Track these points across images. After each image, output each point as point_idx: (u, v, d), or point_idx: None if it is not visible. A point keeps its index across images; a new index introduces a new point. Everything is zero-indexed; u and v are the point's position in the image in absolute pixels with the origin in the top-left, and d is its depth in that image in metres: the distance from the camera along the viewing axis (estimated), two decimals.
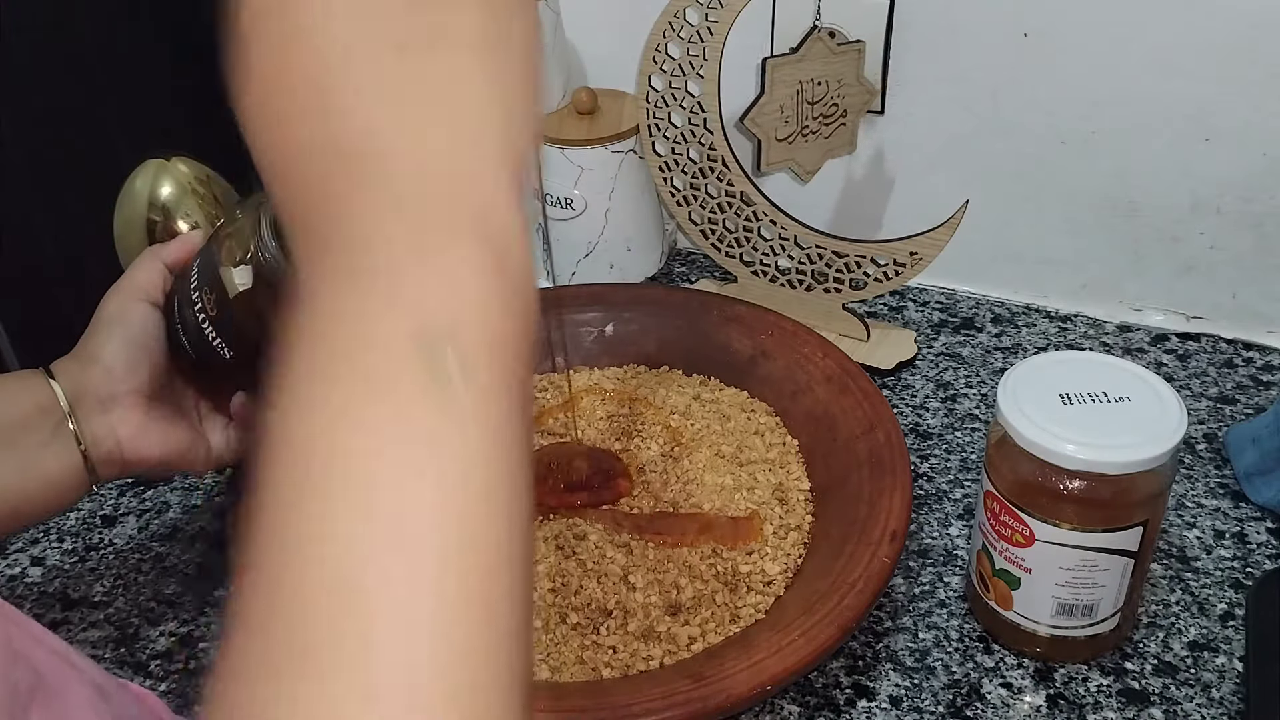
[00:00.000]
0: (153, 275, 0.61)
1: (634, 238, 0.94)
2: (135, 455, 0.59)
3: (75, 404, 0.57)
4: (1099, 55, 0.82)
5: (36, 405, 0.57)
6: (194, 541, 0.73)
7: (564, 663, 0.59)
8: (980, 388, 0.84)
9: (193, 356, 0.59)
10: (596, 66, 0.98)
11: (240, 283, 0.56)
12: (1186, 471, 0.75)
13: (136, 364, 0.59)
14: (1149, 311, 0.90)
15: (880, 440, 0.68)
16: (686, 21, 0.80)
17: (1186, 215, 0.85)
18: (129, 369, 0.59)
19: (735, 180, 0.85)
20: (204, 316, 0.57)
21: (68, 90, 0.95)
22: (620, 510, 0.67)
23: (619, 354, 0.82)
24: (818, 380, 0.75)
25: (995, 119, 0.87)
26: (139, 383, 0.59)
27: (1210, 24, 0.78)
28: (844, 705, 0.61)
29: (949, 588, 0.67)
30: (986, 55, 0.85)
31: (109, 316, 0.60)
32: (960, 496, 0.74)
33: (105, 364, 0.58)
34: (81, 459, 0.58)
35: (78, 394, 0.58)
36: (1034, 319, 0.92)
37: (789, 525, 0.67)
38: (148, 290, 0.60)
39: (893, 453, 0.67)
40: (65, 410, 0.57)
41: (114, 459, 0.59)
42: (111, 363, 0.58)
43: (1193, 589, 0.67)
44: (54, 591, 0.69)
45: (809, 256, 0.86)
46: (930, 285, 0.96)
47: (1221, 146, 0.82)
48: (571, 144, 0.89)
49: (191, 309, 0.58)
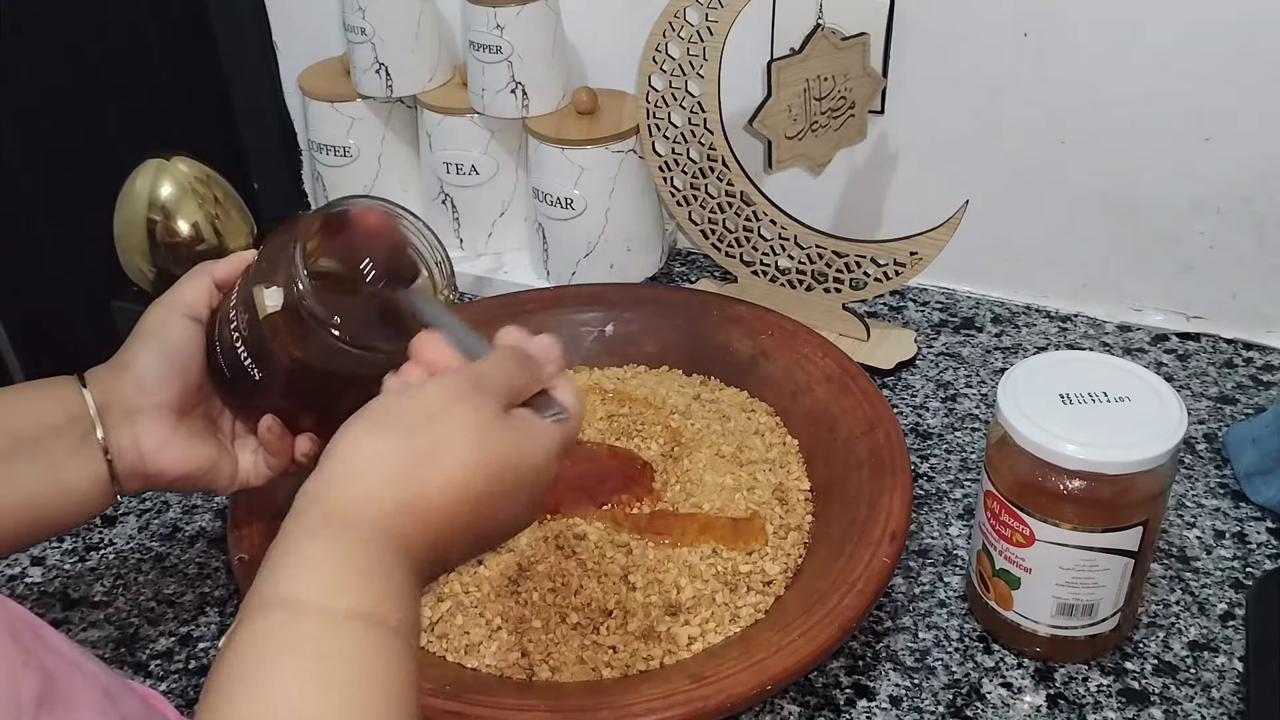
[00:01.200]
0: (199, 290, 0.60)
1: (634, 238, 0.94)
2: (156, 468, 0.58)
3: (103, 413, 0.57)
4: (1099, 55, 0.82)
5: (66, 413, 0.56)
6: (194, 541, 0.73)
7: (564, 663, 0.59)
8: (980, 388, 0.84)
9: (226, 375, 0.59)
10: (596, 66, 0.98)
11: (270, 304, 0.54)
12: (1186, 471, 0.75)
13: (168, 377, 0.58)
14: (1149, 311, 0.90)
15: (880, 440, 0.68)
16: (687, 21, 0.80)
17: (1186, 215, 0.85)
18: (160, 382, 0.58)
19: (735, 180, 0.85)
20: (237, 335, 0.57)
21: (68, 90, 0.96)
22: (620, 510, 0.67)
23: (619, 354, 0.82)
24: (818, 380, 0.75)
25: (995, 119, 0.87)
26: (169, 396, 0.58)
27: (1210, 24, 0.78)
28: (844, 705, 0.61)
29: (949, 588, 0.67)
30: (986, 55, 0.85)
31: (148, 329, 0.59)
32: (960, 496, 0.74)
33: (136, 374, 0.58)
34: (106, 469, 0.57)
35: (106, 403, 0.57)
36: (1034, 319, 0.92)
37: (789, 525, 0.67)
38: (192, 305, 0.60)
39: (893, 453, 0.67)
40: (93, 418, 0.57)
41: (137, 471, 0.58)
42: (143, 373, 0.58)
43: (1193, 589, 0.67)
44: (54, 591, 0.70)
45: (809, 256, 0.86)
46: (930, 285, 0.96)
47: (1221, 146, 0.82)
48: (571, 144, 0.89)
49: (228, 326, 0.57)
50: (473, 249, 1.00)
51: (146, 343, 0.58)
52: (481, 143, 0.95)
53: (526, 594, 0.62)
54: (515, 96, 0.91)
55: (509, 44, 0.88)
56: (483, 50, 0.89)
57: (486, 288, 0.97)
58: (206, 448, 0.60)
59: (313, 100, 0.99)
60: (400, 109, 1.01)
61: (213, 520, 0.75)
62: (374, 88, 0.96)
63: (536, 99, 0.91)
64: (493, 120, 0.94)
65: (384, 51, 0.94)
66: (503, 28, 0.87)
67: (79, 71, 0.96)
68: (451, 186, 0.97)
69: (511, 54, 0.89)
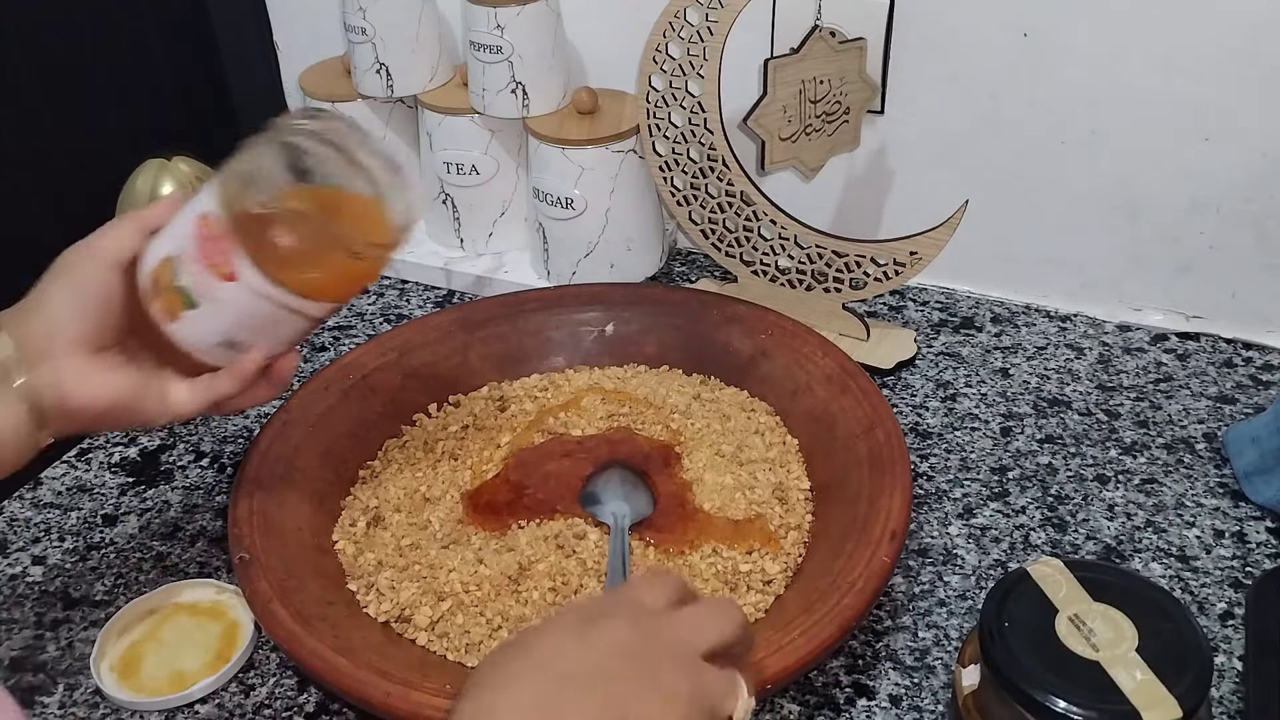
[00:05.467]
0: (120, 241, 0.59)
1: (634, 237, 0.94)
2: (78, 403, 0.57)
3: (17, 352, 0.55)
4: (1099, 55, 0.82)
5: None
6: (194, 541, 0.73)
7: None
8: (980, 387, 0.84)
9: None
10: (597, 66, 0.98)
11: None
12: (1186, 471, 0.75)
13: (82, 314, 0.57)
14: (1148, 311, 0.90)
15: (880, 439, 0.68)
16: (687, 21, 0.80)
17: (1186, 215, 0.85)
18: (72, 318, 0.56)
19: (735, 180, 0.85)
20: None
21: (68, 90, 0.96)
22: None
23: (619, 354, 0.82)
24: (818, 380, 0.75)
25: (995, 119, 0.87)
26: (82, 331, 0.57)
27: (1210, 24, 0.78)
28: (844, 704, 0.61)
29: (949, 587, 0.67)
30: (986, 55, 0.85)
31: (58, 268, 0.58)
32: (960, 496, 0.74)
33: (48, 312, 0.56)
34: (27, 413, 0.56)
35: (19, 343, 0.56)
36: (1034, 319, 0.92)
37: (789, 524, 0.67)
38: (112, 252, 0.58)
39: (892, 452, 0.67)
40: (11, 359, 0.55)
41: (59, 409, 0.56)
42: (55, 312, 0.56)
43: (1192, 589, 0.67)
44: (55, 590, 0.70)
45: (809, 256, 0.86)
46: (930, 285, 0.96)
47: (1221, 146, 0.82)
48: (572, 144, 0.89)
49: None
50: (473, 249, 1.00)
51: (56, 281, 0.57)
52: (482, 143, 0.95)
53: (526, 593, 0.62)
54: (515, 96, 0.91)
55: (509, 44, 0.88)
56: (483, 50, 0.89)
57: (487, 288, 0.97)
58: (128, 377, 0.58)
59: (313, 100, 0.99)
60: (401, 109, 1.01)
61: (213, 520, 0.75)
62: (375, 88, 0.96)
63: (537, 99, 0.91)
64: (493, 120, 0.94)
65: (385, 51, 0.94)
66: (503, 28, 0.88)
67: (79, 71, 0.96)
68: (452, 186, 0.97)
69: (512, 54, 0.89)
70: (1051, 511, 0.73)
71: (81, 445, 0.82)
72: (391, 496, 0.70)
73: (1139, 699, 0.46)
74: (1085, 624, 0.49)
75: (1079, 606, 0.50)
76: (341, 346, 0.91)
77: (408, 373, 0.78)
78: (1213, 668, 0.48)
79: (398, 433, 0.76)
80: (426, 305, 0.97)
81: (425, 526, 0.68)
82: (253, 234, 0.55)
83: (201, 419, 0.84)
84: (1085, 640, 0.48)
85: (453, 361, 0.80)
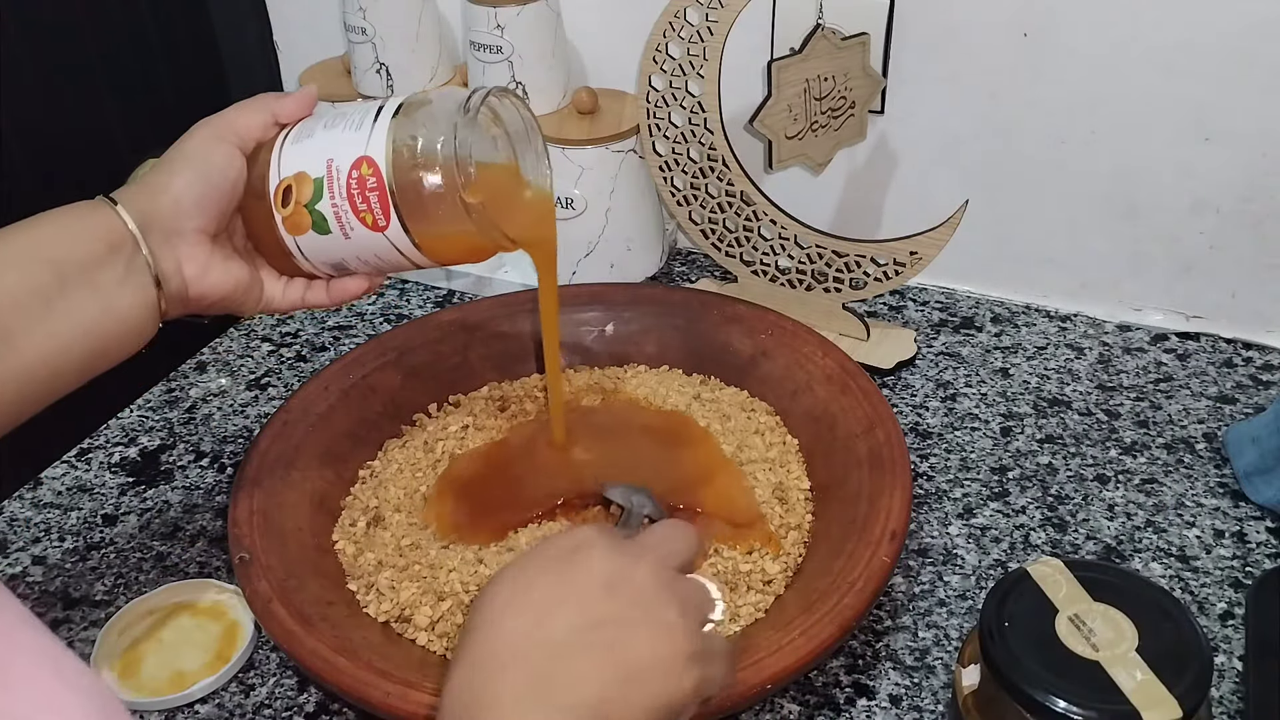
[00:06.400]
0: (251, 122, 0.59)
1: (634, 237, 0.94)
2: (199, 291, 0.58)
3: (144, 237, 0.55)
4: (1099, 55, 0.82)
5: (106, 240, 0.54)
6: (194, 541, 0.73)
7: None
8: (980, 387, 0.84)
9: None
10: (597, 66, 0.98)
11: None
12: (1186, 471, 0.75)
13: (208, 201, 0.57)
14: (1148, 311, 0.90)
15: (880, 439, 0.68)
16: (687, 21, 0.80)
17: (1186, 215, 0.85)
18: (198, 205, 0.57)
19: (735, 180, 0.85)
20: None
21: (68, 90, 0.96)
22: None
23: (619, 354, 0.82)
24: (818, 380, 0.75)
25: (995, 119, 0.87)
26: (206, 220, 0.57)
27: (1210, 24, 0.78)
28: (844, 704, 0.61)
29: (949, 587, 0.67)
30: (986, 55, 0.85)
31: (189, 151, 0.58)
32: (960, 496, 0.74)
33: (175, 197, 0.56)
34: (155, 295, 0.55)
35: (145, 226, 0.55)
36: (1034, 318, 0.92)
37: (789, 524, 0.67)
38: (241, 135, 0.58)
39: (892, 452, 0.67)
40: (137, 242, 0.55)
41: (181, 296, 0.57)
42: (181, 196, 0.56)
43: (1192, 589, 0.67)
44: (55, 590, 0.70)
45: (809, 256, 0.86)
46: (930, 285, 0.96)
47: (1221, 146, 0.82)
48: (572, 144, 0.89)
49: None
50: None
51: (187, 166, 0.57)
52: None
53: None
54: None
55: (509, 44, 0.88)
56: (483, 50, 0.89)
57: (487, 287, 0.97)
58: (242, 270, 0.60)
59: None
60: None
61: (213, 520, 0.75)
62: (375, 88, 0.96)
63: (537, 99, 0.91)
64: None
65: (385, 51, 0.94)
66: (503, 28, 0.88)
67: (79, 71, 0.96)
68: None
69: (512, 54, 0.89)
70: (1051, 511, 0.73)
71: (81, 445, 0.82)
72: (391, 496, 0.70)
73: (1139, 699, 0.46)
74: (1085, 624, 0.49)
75: (1079, 606, 0.50)
76: (341, 346, 0.91)
77: (408, 373, 0.78)
78: (1213, 668, 0.47)
79: (398, 433, 0.76)
80: (426, 305, 0.97)
81: (425, 526, 0.68)
82: (413, 203, 0.56)
83: (201, 419, 0.84)
84: (1085, 640, 0.48)
85: (453, 361, 0.80)
